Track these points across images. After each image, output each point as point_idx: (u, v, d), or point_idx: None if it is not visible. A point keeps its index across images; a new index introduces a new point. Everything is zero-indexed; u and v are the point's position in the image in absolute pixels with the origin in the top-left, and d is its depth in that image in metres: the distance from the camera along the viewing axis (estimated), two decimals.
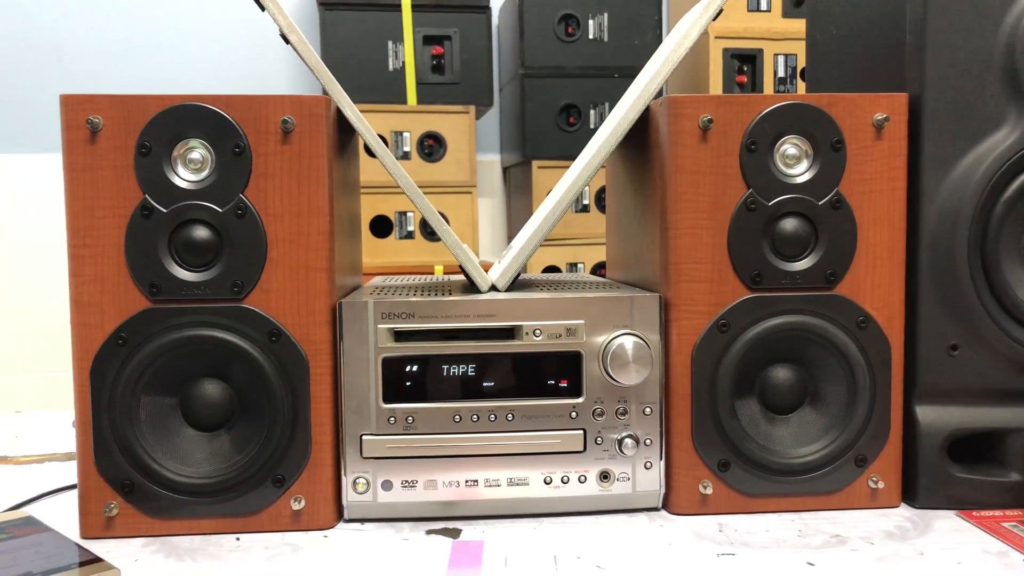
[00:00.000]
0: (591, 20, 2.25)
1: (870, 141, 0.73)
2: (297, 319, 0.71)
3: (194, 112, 0.69)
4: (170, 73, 2.41)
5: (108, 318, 0.69)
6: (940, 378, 0.74)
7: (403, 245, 2.16)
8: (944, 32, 0.73)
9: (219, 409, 0.71)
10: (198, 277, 0.70)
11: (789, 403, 0.75)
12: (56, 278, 2.31)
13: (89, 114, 0.68)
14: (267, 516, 0.71)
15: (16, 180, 2.36)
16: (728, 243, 0.73)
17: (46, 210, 2.33)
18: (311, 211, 0.70)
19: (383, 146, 0.74)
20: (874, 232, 0.74)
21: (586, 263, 2.26)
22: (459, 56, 2.20)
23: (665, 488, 0.75)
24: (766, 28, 2.26)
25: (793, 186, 0.73)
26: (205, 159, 0.69)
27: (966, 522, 0.72)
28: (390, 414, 0.72)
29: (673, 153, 0.73)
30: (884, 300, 0.74)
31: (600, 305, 0.73)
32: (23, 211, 2.35)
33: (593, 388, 0.73)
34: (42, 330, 2.29)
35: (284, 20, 0.72)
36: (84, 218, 0.69)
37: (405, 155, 2.14)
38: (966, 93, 0.73)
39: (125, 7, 2.40)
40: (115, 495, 0.70)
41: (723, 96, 0.73)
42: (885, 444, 0.75)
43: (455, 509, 0.74)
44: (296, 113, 0.70)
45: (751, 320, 0.73)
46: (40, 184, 2.34)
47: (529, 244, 0.78)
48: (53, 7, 2.37)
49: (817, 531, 0.71)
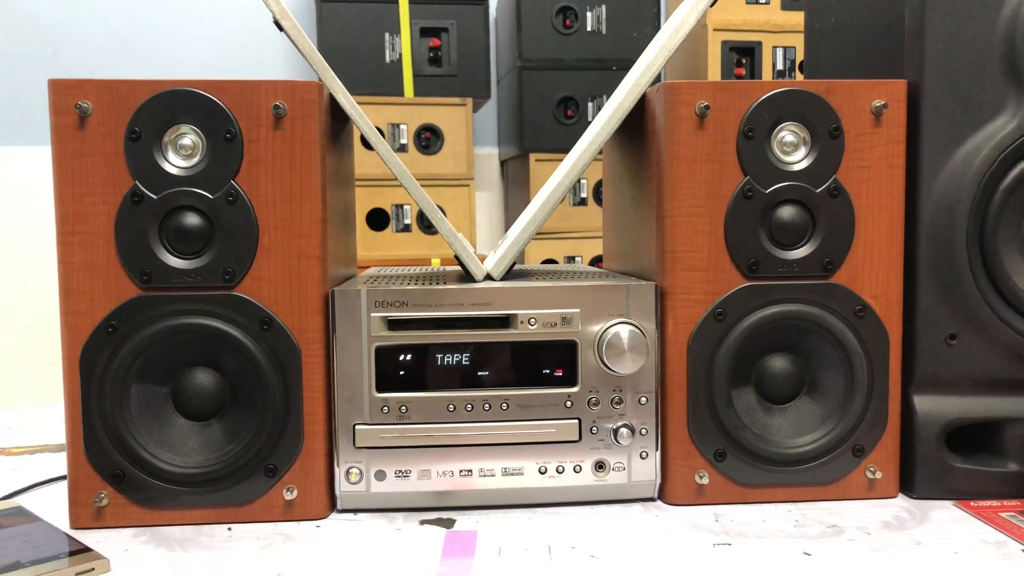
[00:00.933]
0: (589, 12, 2.24)
1: (868, 128, 0.72)
2: (289, 307, 0.70)
3: (185, 97, 0.68)
4: (165, 64, 2.40)
5: (98, 306, 0.68)
6: (938, 368, 0.74)
7: (400, 238, 2.15)
8: (943, 19, 0.72)
9: (210, 398, 0.70)
10: (189, 264, 0.69)
11: (786, 392, 0.75)
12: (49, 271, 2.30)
13: (78, 99, 0.67)
14: (259, 506, 0.71)
15: (10, 172, 2.34)
16: (725, 231, 0.72)
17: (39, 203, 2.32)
18: (303, 197, 0.70)
19: (376, 132, 0.73)
20: (872, 220, 0.73)
21: (584, 256, 2.25)
22: (456, 48, 2.19)
23: (661, 478, 0.74)
24: (765, 20, 2.25)
25: (790, 173, 0.72)
26: (196, 145, 0.69)
27: (964, 512, 0.71)
28: (383, 403, 0.71)
29: (670, 140, 0.72)
30: (882, 289, 0.73)
31: (596, 294, 0.72)
32: (16, 204, 2.33)
33: (588, 377, 0.72)
34: (35, 324, 2.28)
35: (277, 7, 0.71)
36: (73, 205, 0.68)
37: (402, 147, 2.13)
38: (965, 80, 0.72)
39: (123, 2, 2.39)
40: (105, 485, 0.69)
41: (720, 82, 0.72)
42: (883, 434, 0.74)
43: (449, 499, 0.73)
44: (288, 99, 0.69)
45: (748, 309, 0.72)
46: (34, 177, 2.33)
47: (524, 233, 0.78)
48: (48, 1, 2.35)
49: (814, 521, 0.70)
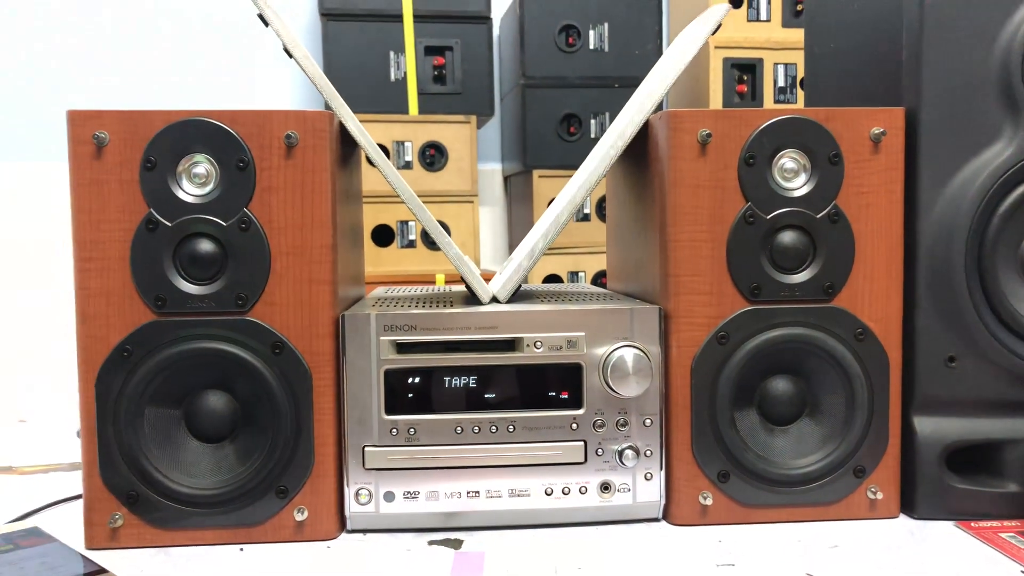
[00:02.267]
0: (592, 30, 2.26)
1: (867, 155, 0.74)
2: (300, 331, 0.71)
3: (199, 127, 0.70)
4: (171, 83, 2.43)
5: (113, 331, 0.70)
6: (938, 389, 0.75)
7: (405, 254, 2.16)
8: (940, 46, 0.73)
9: (223, 421, 0.72)
10: (202, 290, 0.70)
11: (788, 414, 0.76)
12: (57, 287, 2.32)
13: (95, 129, 0.69)
14: (270, 527, 0.72)
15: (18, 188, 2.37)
16: (727, 256, 0.74)
17: (47, 218, 2.34)
18: (314, 224, 0.71)
19: (385, 159, 0.75)
20: (872, 245, 0.74)
21: (587, 272, 2.27)
22: (460, 66, 2.21)
23: (665, 499, 0.75)
24: (766, 38, 2.27)
25: (791, 199, 0.74)
26: (210, 173, 0.70)
27: (964, 533, 0.72)
28: (392, 425, 0.73)
29: (672, 167, 0.73)
30: (882, 312, 0.75)
31: (600, 317, 0.74)
32: (24, 218, 2.36)
33: (594, 400, 0.74)
34: (45, 339, 2.29)
35: (288, 36, 0.73)
36: (90, 231, 0.70)
37: (407, 165, 2.15)
38: (962, 107, 0.73)
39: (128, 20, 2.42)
40: (120, 506, 0.71)
41: (722, 110, 0.73)
42: (884, 455, 0.75)
43: (457, 520, 0.74)
44: (300, 128, 0.70)
45: (750, 332, 0.74)
46: (42, 192, 2.35)
47: (530, 256, 0.79)
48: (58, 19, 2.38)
49: (816, 541, 0.71)
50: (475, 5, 2.21)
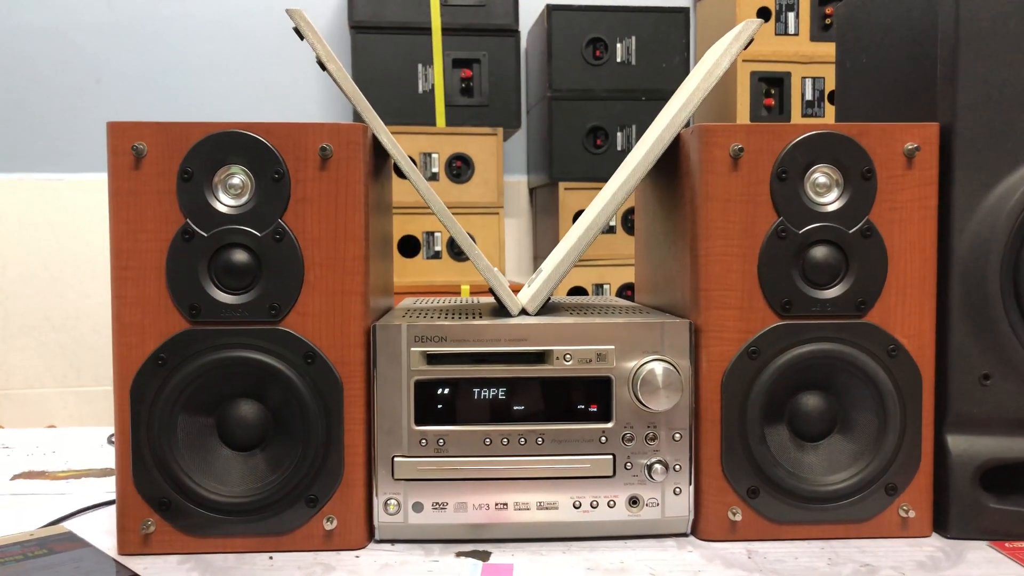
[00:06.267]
0: (619, 43, 2.27)
1: (901, 170, 0.74)
2: (332, 341, 0.72)
3: (235, 139, 0.71)
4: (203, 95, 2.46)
5: (149, 339, 0.71)
6: (972, 408, 0.74)
7: (431, 265, 2.17)
8: (975, 61, 0.73)
9: (255, 429, 0.72)
10: (237, 300, 0.71)
11: (819, 430, 0.75)
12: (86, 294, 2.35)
13: (134, 140, 0.70)
14: (300, 535, 0.72)
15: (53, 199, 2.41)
16: (758, 270, 0.73)
17: (79, 228, 2.38)
18: (347, 236, 0.72)
19: (418, 173, 0.76)
20: (905, 260, 0.74)
21: (612, 284, 2.26)
22: (488, 79, 2.22)
23: (694, 514, 0.75)
24: (794, 52, 2.26)
25: (823, 214, 0.73)
26: (245, 184, 0.71)
27: (999, 553, 0.71)
28: (422, 436, 0.73)
29: (704, 181, 0.73)
30: (915, 329, 0.74)
31: (630, 331, 0.74)
32: (57, 228, 2.39)
33: (623, 413, 0.74)
34: (73, 345, 2.32)
35: (323, 49, 0.74)
36: (127, 240, 0.71)
37: (434, 176, 2.16)
38: (997, 122, 0.73)
39: (162, 32, 2.46)
40: (152, 512, 0.71)
41: (754, 124, 0.73)
42: (916, 473, 0.74)
43: (485, 532, 0.74)
44: (334, 140, 0.71)
45: (781, 347, 0.73)
46: (76, 203, 2.39)
47: (560, 268, 0.79)
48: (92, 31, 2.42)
49: (847, 560, 0.70)
50: (503, 18, 2.23)
